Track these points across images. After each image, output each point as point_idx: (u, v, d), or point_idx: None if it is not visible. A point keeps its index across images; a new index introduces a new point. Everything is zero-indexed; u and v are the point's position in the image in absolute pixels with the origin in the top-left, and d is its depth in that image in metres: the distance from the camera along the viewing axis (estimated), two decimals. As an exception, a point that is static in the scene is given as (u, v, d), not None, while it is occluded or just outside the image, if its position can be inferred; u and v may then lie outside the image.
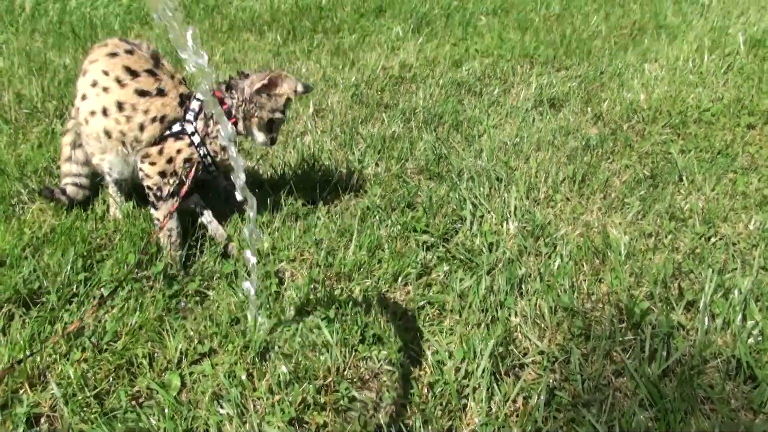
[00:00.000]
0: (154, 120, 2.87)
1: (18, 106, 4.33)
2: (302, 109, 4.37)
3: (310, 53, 5.45)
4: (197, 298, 2.82)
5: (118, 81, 2.87)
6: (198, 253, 3.07)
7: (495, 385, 2.37)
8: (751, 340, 2.54)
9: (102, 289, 2.81)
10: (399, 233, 3.19)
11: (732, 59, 5.25)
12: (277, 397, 2.33)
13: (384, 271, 2.92)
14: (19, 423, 2.22)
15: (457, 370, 2.42)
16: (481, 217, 3.33)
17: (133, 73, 2.87)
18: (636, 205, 3.41)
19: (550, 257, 3.03)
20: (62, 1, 6.70)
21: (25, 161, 3.66)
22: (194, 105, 2.90)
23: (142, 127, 2.88)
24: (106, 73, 2.89)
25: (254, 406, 2.31)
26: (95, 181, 3.37)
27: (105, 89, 2.89)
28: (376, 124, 4.25)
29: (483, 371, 2.38)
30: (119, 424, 2.23)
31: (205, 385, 2.37)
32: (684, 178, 3.67)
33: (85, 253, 2.98)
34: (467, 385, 2.37)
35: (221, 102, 2.94)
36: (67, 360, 2.47)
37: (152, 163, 2.92)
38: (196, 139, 2.89)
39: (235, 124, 2.97)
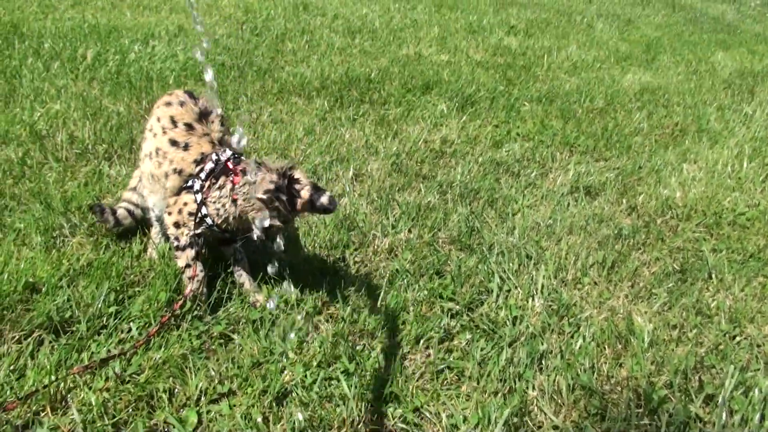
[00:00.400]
0: (174, 171, 2.97)
1: (70, 146, 4.48)
2: (342, 172, 4.47)
3: (355, 121, 5.58)
4: (222, 341, 2.87)
5: (163, 129, 3.01)
6: (226, 298, 3.13)
7: (506, 453, 2.38)
8: (768, 439, 2.52)
9: (131, 324, 2.88)
10: (425, 298, 3.23)
11: (771, 168, 5.29)
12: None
13: (407, 332, 2.96)
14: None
15: (470, 434, 2.43)
16: (508, 291, 3.36)
17: (174, 124, 3.00)
18: (663, 296, 3.42)
19: (572, 337, 3.04)
20: (122, 54, 6.95)
21: (71, 198, 3.78)
22: (208, 165, 2.93)
23: (166, 175, 3.00)
24: (158, 120, 3.04)
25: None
26: (142, 219, 3.48)
27: (154, 135, 3.04)
28: (412, 193, 4.33)
29: (496, 438, 2.39)
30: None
31: (221, 425, 2.41)
32: (713, 276, 3.68)
33: (118, 288, 3.06)
34: (479, 451, 2.38)
35: (233, 172, 2.91)
36: (90, 388, 2.52)
37: (169, 213, 3.03)
38: (199, 197, 2.94)
39: (234, 201, 2.89)
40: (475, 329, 3.06)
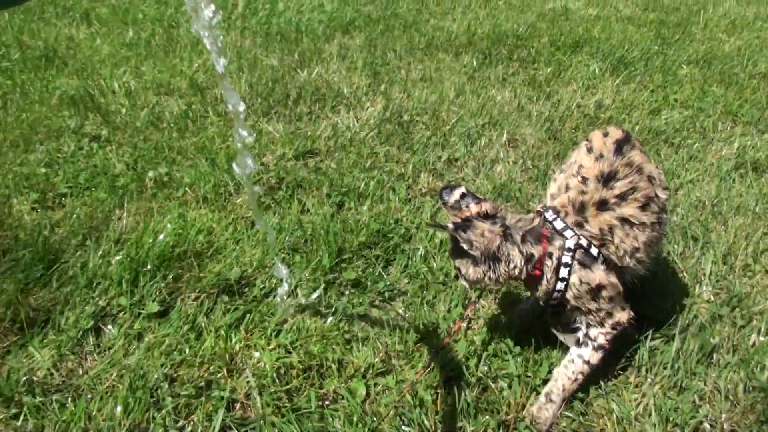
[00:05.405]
0: None
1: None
2: (495, 136, 4.39)
3: (504, 81, 5.46)
4: (388, 307, 2.90)
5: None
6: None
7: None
8: None
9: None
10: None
11: None
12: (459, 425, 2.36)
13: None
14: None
15: None
16: (673, 275, 3.24)
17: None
18: None
19: (745, 329, 2.89)
20: (271, 3, 7.02)
21: (233, 155, 3.84)
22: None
23: None
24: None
25: (436, 429, 2.35)
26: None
27: None
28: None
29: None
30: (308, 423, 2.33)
31: (388, 399, 2.43)
32: None
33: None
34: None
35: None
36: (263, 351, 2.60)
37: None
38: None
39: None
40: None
